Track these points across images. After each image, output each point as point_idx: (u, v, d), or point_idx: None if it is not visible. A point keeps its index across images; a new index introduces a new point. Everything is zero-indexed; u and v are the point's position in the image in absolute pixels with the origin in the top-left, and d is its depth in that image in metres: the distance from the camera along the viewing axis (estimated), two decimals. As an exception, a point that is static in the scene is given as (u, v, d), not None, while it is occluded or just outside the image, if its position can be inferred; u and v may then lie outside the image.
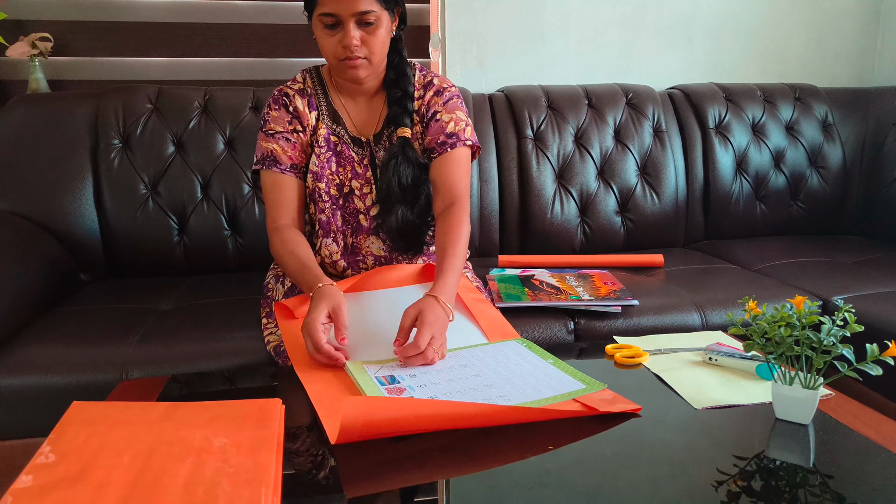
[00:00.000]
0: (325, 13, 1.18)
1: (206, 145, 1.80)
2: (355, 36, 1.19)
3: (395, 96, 1.31)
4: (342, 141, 1.33)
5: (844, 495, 0.70)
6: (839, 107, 2.24)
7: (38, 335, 1.34)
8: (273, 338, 1.29)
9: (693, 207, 2.11)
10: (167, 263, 1.79)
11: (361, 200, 1.33)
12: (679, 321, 1.49)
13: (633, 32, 2.29)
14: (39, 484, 0.69)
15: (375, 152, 1.34)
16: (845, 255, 1.93)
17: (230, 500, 0.66)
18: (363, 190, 1.33)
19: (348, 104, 1.34)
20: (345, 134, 1.33)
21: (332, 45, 1.21)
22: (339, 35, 1.20)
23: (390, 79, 1.32)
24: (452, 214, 1.25)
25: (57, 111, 1.78)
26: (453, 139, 1.31)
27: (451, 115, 1.33)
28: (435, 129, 1.32)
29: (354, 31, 1.19)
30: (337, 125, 1.33)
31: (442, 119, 1.32)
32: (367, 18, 1.18)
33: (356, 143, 1.33)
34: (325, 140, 1.32)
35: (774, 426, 0.85)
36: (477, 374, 0.98)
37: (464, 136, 1.32)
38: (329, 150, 1.32)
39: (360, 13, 1.17)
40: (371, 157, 1.34)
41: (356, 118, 1.34)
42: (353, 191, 1.33)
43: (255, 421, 0.83)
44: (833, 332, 0.83)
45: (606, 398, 0.91)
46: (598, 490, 0.72)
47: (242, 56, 2.11)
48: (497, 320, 1.21)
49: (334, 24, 1.19)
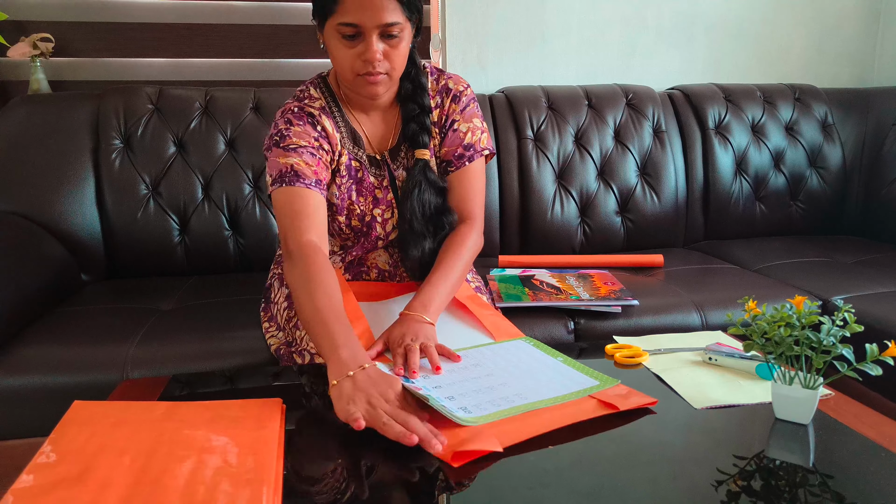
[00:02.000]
0: (346, 23, 1.05)
1: (207, 146, 1.80)
2: (378, 50, 1.07)
3: (412, 113, 1.22)
4: (363, 166, 1.23)
5: (844, 495, 0.70)
6: (839, 107, 2.24)
7: (40, 335, 1.35)
8: (274, 340, 1.29)
9: (693, 207, 2.11)
10: (168, 264, 1.79)
11: (382, 227, 1.26)
12: (679, 321, 1.50)
13: (633, 33, 2.29)
14: (40, 483, 0.69)
15: (393, 170, 1.26)
16: (845, 255, 1.93)
17: (231, 499, 0.66)
18: (384, 216, 1.25)
19: (362, 119, 1.24)
20: (363, 156, 1.24)
21: (351, 58, 1.09)
22: (360, 48, 1.08)
23: (406, 92, 1.22)
24: (459, 232, 1.23)
25: (58, 112, 1.78)
26: (471, 151, 1.26)
27: (468, 125, 1.26)
28: (453, 141, 1.25)
29: (378, 43, 1.07)
30: (356, 147, 1.23)
31: (460, 129, 1.25)
32: (392, 31, 1.07)
33: (373, 164, 1.24)
34: (346, 168, 1.22)
35: (774, 426, 0.85)
36: (489, 373, 0.98)
37: (480, 147, 1.27)
38: (350, 179, 1.23)
39: (385, 25, 1.05)
40: (390, 176, 1.25)
41: (371, 135, 1.25)
42: (376, 218, 1.25)
43: (256, 421, 0.83)
44: (833, 332, 0.83)
45: (621, 393, 0.91)
46: (598, 490, 0.72)
47: (243, 56, 2.11)
48: (501, 322, 1.21)
49: (354, 34, 1.07)
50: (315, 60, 2.12)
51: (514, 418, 0.84)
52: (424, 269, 1.22)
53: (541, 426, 0.83)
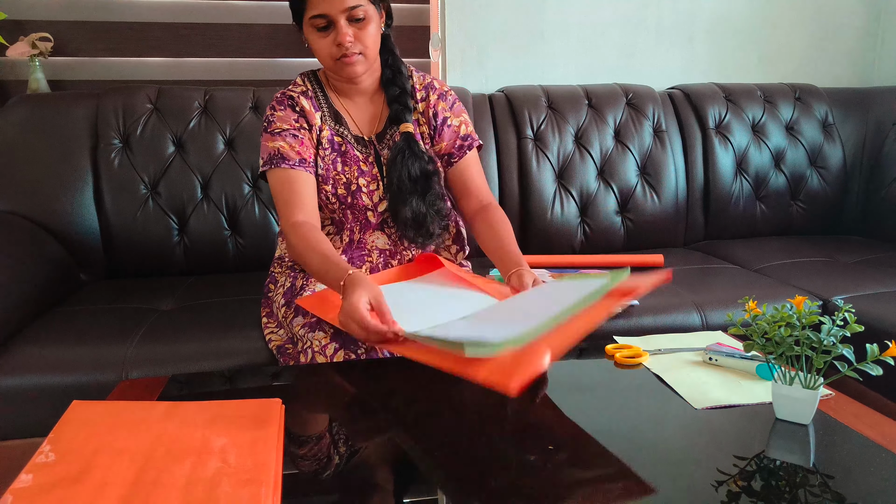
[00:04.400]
0: (316, 15, 1.20)
1: (207, 145, 1.80)
2: (348, 32, 1.21)
3: (394, 94, 1.33)
4: (346, 141, 1.33)
5: (844, 495, 0.70)
6: (839, 107, 2.24)
7: (39, 335, 1.34)
8: (275, 337, 1.29)
9: (693, 207, 2.11)
10: (167, 263, 1.79)
11: (369, 197, 1.33)
12: (679, 321, 1.49)
13: (633, 32, 2.29)
14: (39, 483, 0.69)
15: (380, 150, 1.34)
16: (845, 255, 1.93)
17: (230, 500, 0.66)
18: (370, 187, 1.33)
19: (348, 105, 1.35)
20: (348, 134, 1.33)
21: (327, 45, 1.23)
22: (332, 35, 1.22)
23: (387, 78, 1.35)
24: (497, 210, 1.34)
25: (57, 111, 1.78)
26: (469, 141, 1.38)
27: (459, 119, 1.38)
28: (450, 135, 1.37)
29: (346, 27, 1.21)
30: (339, 125, 1.33)
31: (453, 124, 1.37)
32: (357, 14, 1.20)
33: (359, 143, 1.34)
34: (328, 142, 1.32)
35: (774, 426, 0.85)
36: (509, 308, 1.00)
37: (474, 135, 1.39)
38: (333, 151, 1.32)
39: (349, 8, 1.19)
40: (376, 155, 1.34)
41: (358, 119, 1.36)
42: (361, 188, 1.32)
43: (255, 421, 0.83)
44: (833, 332, 0.83)
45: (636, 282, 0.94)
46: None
47: (242, 56, 2.11)
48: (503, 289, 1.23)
49: (326, 25, 1.21)
50: (315, 60, 2.12)
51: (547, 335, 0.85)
52: (418, 227, 1.31)
53: (575, 332, 0.84)
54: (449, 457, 0.78)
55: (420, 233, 1.33)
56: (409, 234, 1.33)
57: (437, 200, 1.33)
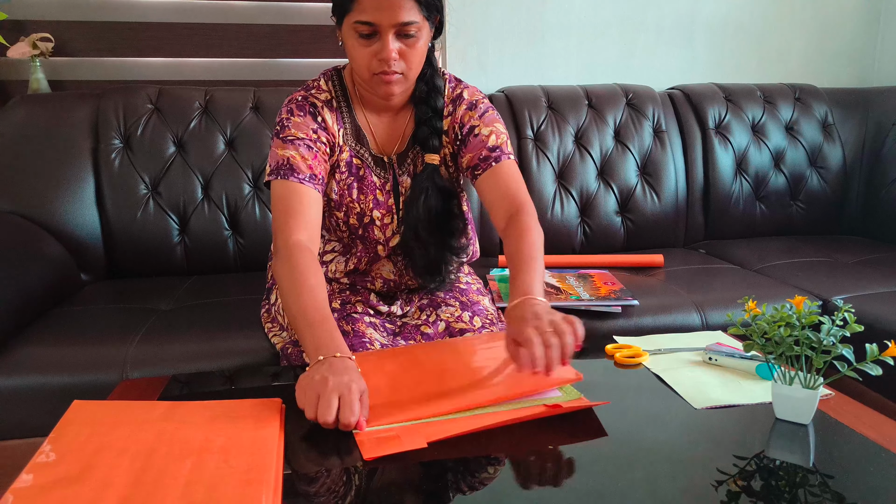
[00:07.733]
0: (362, 21, 1.04)
1: (207, 145, 1.80)
2: (394, 49, 1.06)
3: (425, 115, 1.20)
4: (364, 164, 1.21)
5: (844, 495, 0.70)
6: (839, 107, 2.24)
7: (39, 335, 1.34)
8: (279, 339, 1.29)
9: (693, 207, 2.11)
10: (168, 263, 1.79)
11: (381, 231, 1.23)
12: (679, 321, 1.50)
13: (633, 32, 2.29)
14: (40, 483, 0.69)
15: (398, 175, 1.23)
16: (845, 255, 1.93)
17: (230, 499, 0.66)
18: (384, 220, 1.22)
19: (372, 119, 1.22)
20: (367, 155, 1.21)
21: (367, 56, 1.08)
22: (376, 46, 1.06)
23: (420, 94, 1.20)
24: (520, 221, 1.12)
25: (57, 111, 1.78)
26: (497, 152, 1.19)
27: (490, 128, 1.21)
28: (475, 145, 1.20)
29: (393, 42, 1.06)
30: (360, 145, 1.21)
31: (482, 133, 1.20)
32: (409, 30, 1.05)
33: (378, 164, 1.22)
34: (346, 164, 1.20)
35: (774, 426, 0.85)
36: None
37: (507, 150, 1.21)
38: (350, 175, 1.21)
39: (401, 24, 1.04)
40: (394, 181, 1.23)
41: (379, 135, 1.22)
42: (374, 220, 1.22)
43: (256, 421, 0.83)
44: (833, 332, 0.83)
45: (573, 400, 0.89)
46: (598, 490, 0.72)
47: (243, 56, 2.11)
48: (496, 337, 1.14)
49: (371, 33, 1.06)
50: (315, 60, 2.12)
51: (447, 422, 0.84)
52: (432, 274, 1.21)
53: (474, 424, 0.83)
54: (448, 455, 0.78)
55: (434, 279, 1.26)
56: (421, 278, 1.26)
57: (453, 239, 1.24)
